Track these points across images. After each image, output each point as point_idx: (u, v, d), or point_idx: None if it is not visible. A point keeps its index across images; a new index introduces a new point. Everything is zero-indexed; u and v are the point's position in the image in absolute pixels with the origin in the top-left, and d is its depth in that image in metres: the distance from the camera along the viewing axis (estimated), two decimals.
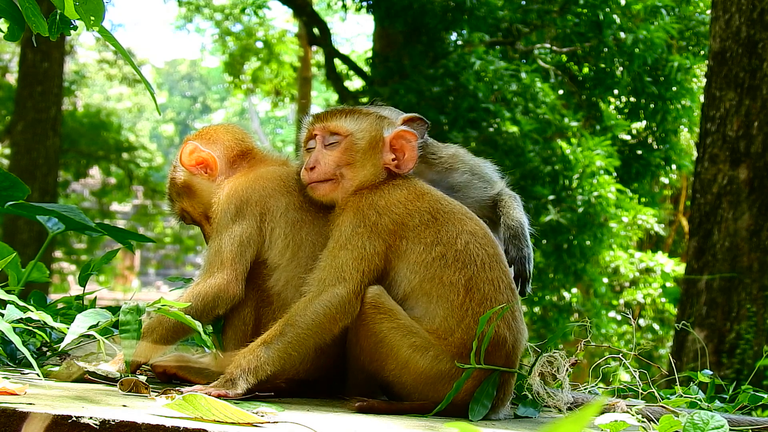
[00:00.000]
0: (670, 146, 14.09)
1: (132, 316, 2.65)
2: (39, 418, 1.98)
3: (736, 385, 3.67)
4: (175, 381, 2.88)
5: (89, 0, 2.50)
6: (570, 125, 13.38)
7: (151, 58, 48.05)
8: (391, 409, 2.65)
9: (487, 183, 3.19)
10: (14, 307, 2.57)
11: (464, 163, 3.16)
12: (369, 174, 2.88)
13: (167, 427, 1.99)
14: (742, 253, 8.13)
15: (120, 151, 22.99)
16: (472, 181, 3.15)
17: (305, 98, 23.32)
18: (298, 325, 2.64)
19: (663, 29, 13.27)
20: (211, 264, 2.83)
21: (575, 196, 12.83)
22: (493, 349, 2.65)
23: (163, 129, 43.96)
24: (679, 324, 6.04)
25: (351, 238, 2.73)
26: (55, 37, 2.66)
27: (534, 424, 2.74)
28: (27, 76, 14.71)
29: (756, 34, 8.37)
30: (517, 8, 14.01)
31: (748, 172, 8.22)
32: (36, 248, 12.90)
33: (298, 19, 19.87)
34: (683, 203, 18.96)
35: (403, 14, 13.09)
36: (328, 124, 2.93)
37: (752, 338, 7.91)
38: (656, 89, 13.75)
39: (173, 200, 3.19)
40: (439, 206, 2.81)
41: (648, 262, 15.27)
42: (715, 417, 2.29)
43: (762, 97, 8.27)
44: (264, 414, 2.21)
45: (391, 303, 2.68)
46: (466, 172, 3.15)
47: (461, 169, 3.15)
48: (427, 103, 12.74)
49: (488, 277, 2.71)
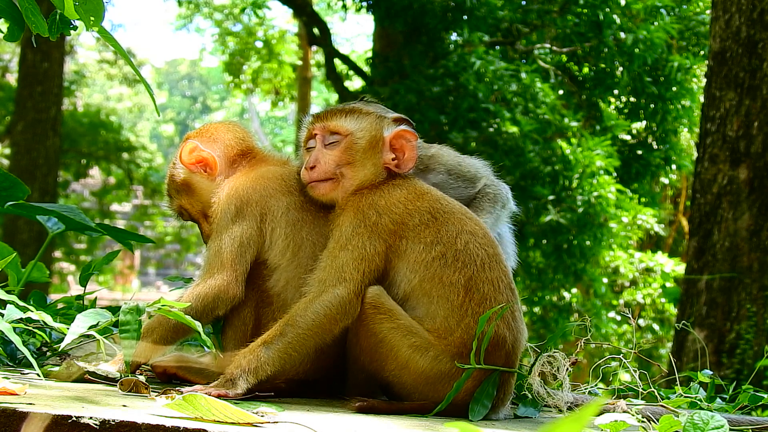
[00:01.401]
0: (670, 146, 14.09)
1: (132, 316, 2.65)
2: (39, 418, 1.98)
3: (736, 385, 3.67)
4: (175, 381, 2.88)
5: (89, 0, 2.50)
6: (570, 125, 13.38)
7: (151, 58, 48.05)
8: (391, 409, 2.65)
9: (467, 182, 3.22)
10: (14, 307, 2.57)
11: (442, 164, 3.20)
12: (369, 173, 2.88)
13: (167, 427, 1.99)
14: (742, 253, 8.13)
15: (120, 151, 22.99)
16: (447, 181, 3.18)
17: (305, 98, 23.33)
18: (298, 325, 2.64)
19: (663, 29, 13.27)
20: (211, 264, 2.82)
21: (575, 196, 12.83)
22: (493, 349, 2.65)
23: (163, 129, 43.97)
24: (679, 324, 6.05)
25: (351, 238, 2.73)
26: (55, 37, 2.66)
27: (534, 424, 2.74)
28: (27, 76, 14.71)
29: (756, 34, 8.37)
30: (517, 8, 14.01)
31: (748, 172, 8.22)
32: (36, 248, 12.90)
33: (298, 19, 19.88)
34: (683, 203, 18.97)
35: (403, 14, 13.09)
36: (328, 123, 2.93)
37: (752, 338, 7.91)
38: (656, 89, 13.75)
39: (172, 197, 3.18)
40: (439, 206, 2.81)
41: (648, 262, 15.27)
42: (715, 417, 2.29)
43: (762, 97, 8.27)
44: (264, 414, 2.21)
45: (390, 303, 2.68)
46: (442, 172, 3.19)
47: (437, 170, 3.19)
48: (427, 103, 12.74)
49: (488, 277, 2.71)
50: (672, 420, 2.32)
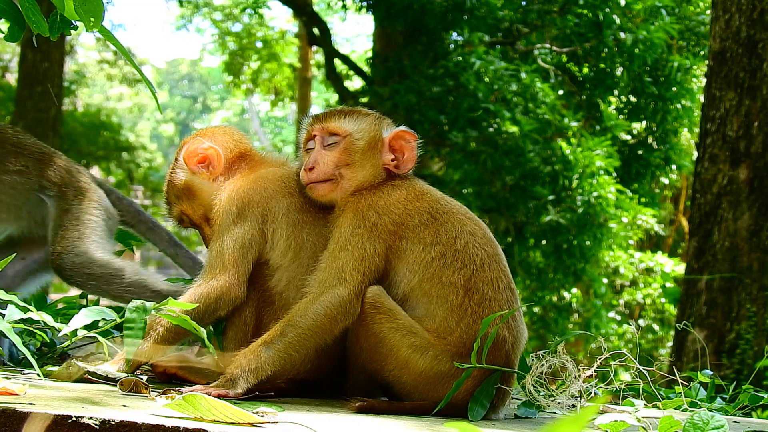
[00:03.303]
0: (670, 146, 14.09)
1: (138, 315, 2.66)
2: (39, 418, 1.98)
3: (736, 385, 3.67)
4: (175, 381, 2.88)
5: (89, 0, 2.50)
6: (570, 125, 13.38)
7: (151, 58, 48.03)
8: (391, 409, 2.65)
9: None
10: (14, 307, 2.57)
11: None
12: (368, 174, 2.88)
13: (167, 427, 1.99)
14: (742, 253, 8.13)
15: (120, 151, 22.99)
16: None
17: (305, 98, 23.33)
18: (298, 325, 2.64)
19: (663, 29, 13.27)
20: (213, 266, 2.83)
21: (575, 196, 12.83)
22: (493, 349, 2.65)
23: (163, 129, 43.96)
24: (680, 324, 6.05)
25: (351, 239, 2.73)
26: (55, 37, 2.66)
27: (534, 424, 2.74)
28: (27, 76, 14.70)
29: (756, 34, 8.38)
30: (517, 8, 14.01)
31: (748, 172, 8.23)
32: None
33: (298, 19, 19.87)
34: (683, 203, 18.97)
35: (403, 14, 13.09)
36: (327, 124, 2.94)
37: (752, 338, 7.91)
38: (656, 89, 13.75)
39: (172, 203, 3.17)
40: (439, 206, 2.81)
41: (648, 262, 15.28)
42: (715, 417, 2.29)
43: (762, 97, 8.27)
44: (264, 414, 2.21)
45: (390, 303, 2.68)
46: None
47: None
48: (427, 103, 12.74)
49: (487, 276, 2.72)
50: (672, 420, 2.32)
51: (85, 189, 3.72)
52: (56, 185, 3.69)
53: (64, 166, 3.76)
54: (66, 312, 3.51)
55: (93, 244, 3.56)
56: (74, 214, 3.62)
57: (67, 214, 3.62)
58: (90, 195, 3.71)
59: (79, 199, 3.67)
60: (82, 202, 3.67)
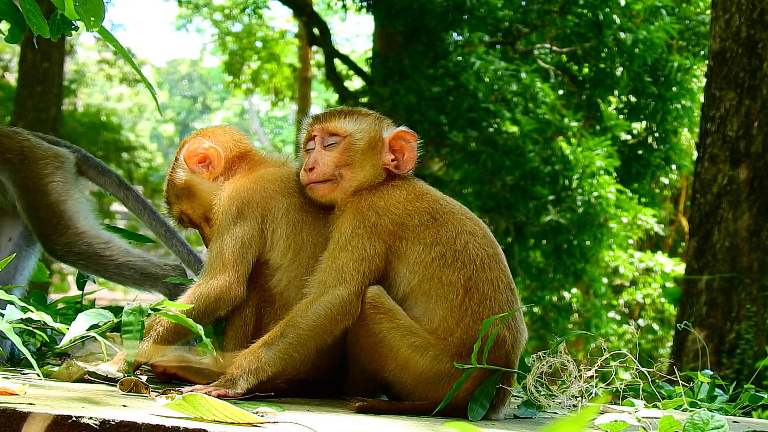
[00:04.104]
0: (670, 146, 14.09)
1: (135, 317, 2.65)
2: (39, 418, 1.98)
3: (736, 385, 3.67)
4: (175, 381, 2.88)
5: (89, 0, 2.50)
6: (570, 125, 13.38)
7: (151, 58, 48.01)
8: (391, 409, 2.65)
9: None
10: (14, 307, 2.57)
11: None
12: (368, 174, 2.88)
13: (167, 427, 1.99)
14: (742, 253, 8.13)
15: (120, 151, 22.99)
16: None
17: (305, 98, 23.32)
18: (299, 326, 2.64)
19: (663, 29, 13.27)
20: (213, 265, 2.83)
21: (575, 196, 12.83)
22: (493, 349, 2.65)
23: (163, 129, 43.95)
24: (680, 324, 6.05)
25: (351, 239, 2.73)
26: (56, 38, 2.66)
27: (534, 424, 2.74)
28: (27, 76, 14.71)
29: (756, 34, 8.38)
30: (517, 8, 14.01)
31: (748, 172, 8.23)
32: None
33: (298, 19, 19.87)
34: (683, 203, 18.96)
35: (403, 14, 13.09)
36: (327, 125, 2.94)
37: (752, 338, 7.91)
38: (656, 89, 13.75)
39: (171, 203, 3.16)
40: (439, 206, 2.81)
41: (648, 262, 15.28)
42: (715, 417, 2.29)
43: (762, 97, 8.27)
44: (264, 414, 2.22)
45: (390, 303, 2.68)
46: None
47: None
48: (427, 103, 12.75)
49: (487, 276, 2.71)
50: (672, 420, 2.32)
51: (27, 148, 3.57)
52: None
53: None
54: (66, 312, 3.51)
55: (75, 217, 3.51)
56: (34, 187, 3.49)
57: (28, 190, 3.50)
58: (36, 153, 3.56)
59: (26, 164, 3.53)
60: (31, 166, 3.53)
